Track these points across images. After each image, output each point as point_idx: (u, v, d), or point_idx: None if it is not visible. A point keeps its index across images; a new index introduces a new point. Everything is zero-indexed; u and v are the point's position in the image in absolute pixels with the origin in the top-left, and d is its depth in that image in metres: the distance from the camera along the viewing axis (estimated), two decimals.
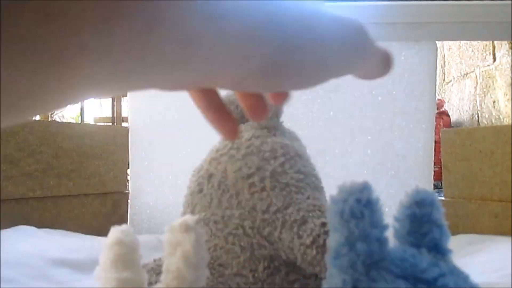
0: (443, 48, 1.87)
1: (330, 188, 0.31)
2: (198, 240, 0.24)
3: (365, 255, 0.22)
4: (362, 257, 0.22)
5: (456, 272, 0.24)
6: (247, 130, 0.44)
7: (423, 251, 0.24)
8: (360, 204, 0.22)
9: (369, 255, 0.22)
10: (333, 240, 0.23)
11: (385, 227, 0.23)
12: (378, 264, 0.22)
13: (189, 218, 0.25)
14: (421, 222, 0.24)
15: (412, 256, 0.23)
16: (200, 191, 0.44)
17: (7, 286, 0.49)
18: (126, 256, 0.23)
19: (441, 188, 0.91)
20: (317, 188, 0.45)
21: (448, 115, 1.77)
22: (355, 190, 0.23)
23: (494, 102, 1.43)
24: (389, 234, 0.25)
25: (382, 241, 0.22)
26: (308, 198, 0.41)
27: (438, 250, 0.24)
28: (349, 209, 0.22)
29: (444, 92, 1.91)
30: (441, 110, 1.71)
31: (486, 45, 1.47)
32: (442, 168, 0.89)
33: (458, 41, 1.68)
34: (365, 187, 0.23)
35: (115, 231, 0.24)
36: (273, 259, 0.40)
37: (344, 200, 0.23)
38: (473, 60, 1.60)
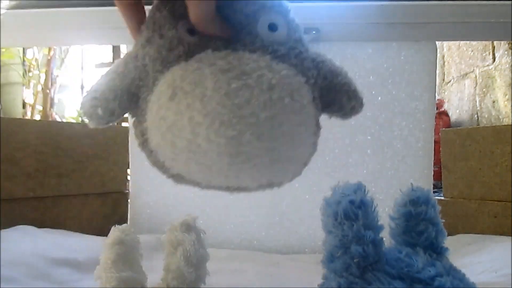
0: (443, 48, 1.87)
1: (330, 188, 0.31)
2: (199, 240, 0.24)
3: (359, 257, 0.21)
4: (356, 259, 0.22)
5: (452, 272, 0.23)
6: None
7: (418, 251, 0.24)
8: (354, 206, 0.22)
9: (364, 258, 0.22)
10: (328, 243, 0.23)
11: (379, 228, 0.23)
12: (373, 266, 0.22)
13: (190, 218, 0.25)
14: (416, 221, 0.24)
15: (407, 256, 0.23)
16: None
17: (7, 286, 0.49)
18: (127, 255, 0.23)
19: (441, 188, 0.91)
20: None
21: (447, 115, 1.77)
22: (349, 192, 0.23)
23: (493, 102, 1.43)
24: (386, 234, 0.25)
25: (377, 243, 0.22)
26: None
27: (434, 249, 0.24)
28: (342, 211, 0.22)
29: (444, 92, 1.91)
30: (440, 110, 1.71)
31: (485, 45, 1.47)
32: (441, 168, 0.89)
33: (458, 41, 1.68)
34: (358, 188, 0.23)
35: (115, 231, 0.24)
36: None
37: (338, 202, 0.22)
38: (472, 60, 1.60)
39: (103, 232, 0.41)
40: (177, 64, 0.30)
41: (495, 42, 1.41)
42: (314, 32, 0.78)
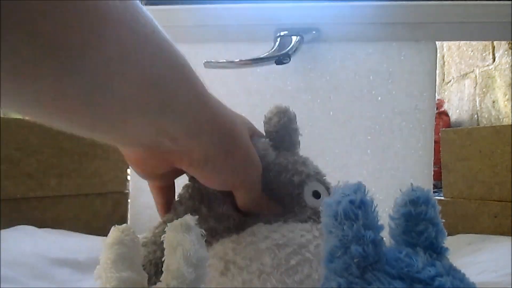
0: (443, 48, 1.87)
1: None
2: (199, 240, 0.24)
3: (359, 257, 0.22)
4: (356, 259, 0.22)
5: (452, 272, 0.23)
6: None
7: (418, 251, 0.24)
8: (354, 206, 0.22)
9: (364, 258, 0.22)
10: (328, 243, 0.23)
11: (380, 228, 0.23)
12: (373, 266, 0.22)
13: (189, 218, 0.25)
14: (416, 221, 0.24)
15: (407, 256, 0.23)
16: None
17: (7, 286, 0.49)
18: (127, 255, 0.23)
19: (441, 188, 0.91)
20: None
21: (447, 115, 1.77)
22: (349, 192, 0.23)
23: (493, 102, 1.43)
24: (386, 234, 0.25)
25: (377, 243, 0.22)
26: None
27: (434, 249, 0.24)
28: (342, 211, 0.22)
29: (444, 92, 1.91)
30: (440, 110, 1.72)
31: (485, 45, 1.47)
32: (441, 168, 0.89)
33: (458, 41, 1.68)
34: (358, 188, 0.23)
35: (115, 231, 0.24)
36: None
37: (338, 202, 0.22)
38: (472, 60, 1.60)
39: (103, 232, 0.41)
40: (227, 236, 0.29)
41: (495, 42, 1.41)
42: (314, 32, 0.78)
